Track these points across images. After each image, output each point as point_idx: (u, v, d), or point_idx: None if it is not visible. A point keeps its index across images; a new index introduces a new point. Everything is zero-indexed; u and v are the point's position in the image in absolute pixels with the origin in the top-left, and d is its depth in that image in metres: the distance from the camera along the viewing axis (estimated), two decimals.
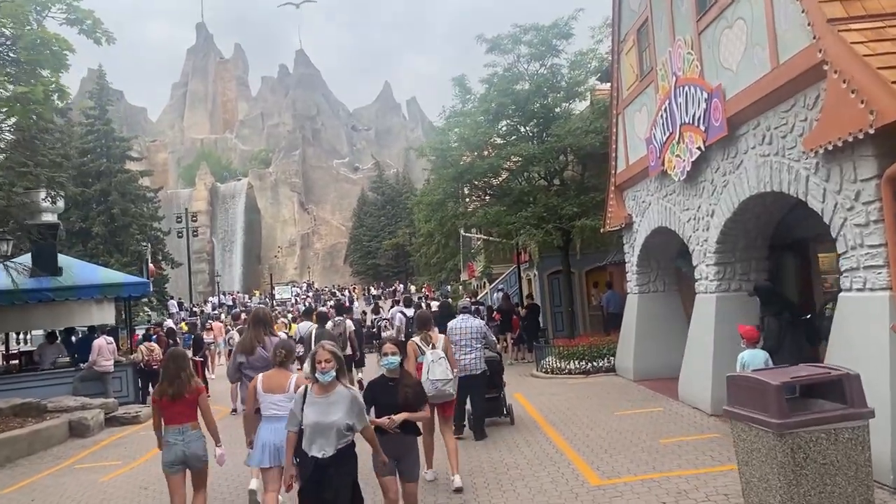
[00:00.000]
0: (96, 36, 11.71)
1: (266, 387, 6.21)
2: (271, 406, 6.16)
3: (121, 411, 14.62)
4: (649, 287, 14.24)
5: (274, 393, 6.17)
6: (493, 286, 30.86)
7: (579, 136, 17.99)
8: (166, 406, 6.15)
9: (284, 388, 6.16)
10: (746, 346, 7.33)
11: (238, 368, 7.57)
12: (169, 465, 6.13)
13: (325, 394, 5.17)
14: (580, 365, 15.50)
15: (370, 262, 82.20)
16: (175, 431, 6.12)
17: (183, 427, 6.13)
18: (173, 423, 6.15)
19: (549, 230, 17.71)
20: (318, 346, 5.35)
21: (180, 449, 6.09)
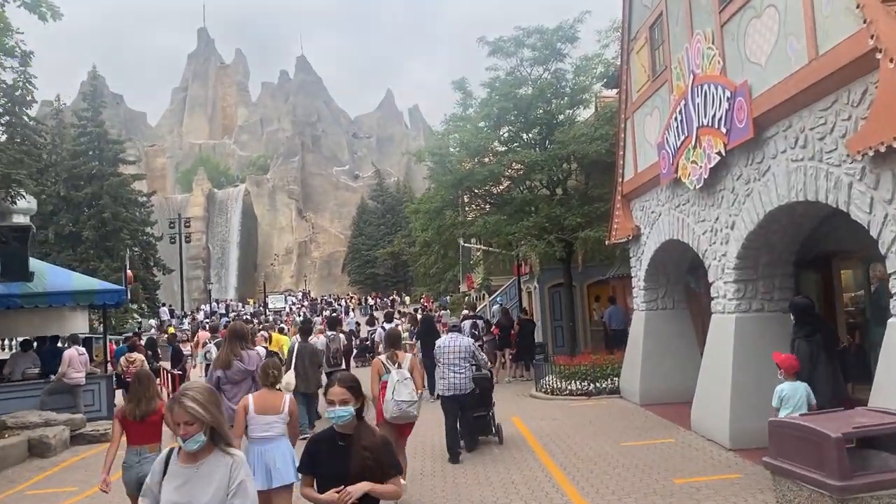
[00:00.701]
0: (41, 11, 10.86)
1: (259, 408, 5.99)
2: (264, 427, 5.96)
3: (88, 428, 13.60)
4: (657, 304, 13.27)
5: (267, 414, 5.98)
6: (493, 298, 29.86)
7: (584, 142, 17.08)
8: (130, 426, 6.12)
9: (279, 409, 6.01)
10: (784, 378, 6.35)
11: (217, 384, 7.34)
12: (128, 486, 6.08)
13: (192, 463, 3.50)
14: (582, 386, 14.51)
15: (369, 271, 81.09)
16: (133, 452, 6.09)
17: (140, 449, 6.08)
18: (133, 443, 6.12)
19: (551, 241, 16.77)
20: (175, 397, 3.59)
21: (135, 471, 5.98)
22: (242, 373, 7.41)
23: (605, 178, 18.42)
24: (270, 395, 6.13)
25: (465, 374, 9.59)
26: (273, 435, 5.93)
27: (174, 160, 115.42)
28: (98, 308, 16.65)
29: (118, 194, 42.05)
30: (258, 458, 5.87)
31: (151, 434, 6.14)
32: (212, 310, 60.41)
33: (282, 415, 5.99)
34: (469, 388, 9.65)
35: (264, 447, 5.90)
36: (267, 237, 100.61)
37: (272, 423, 5.96)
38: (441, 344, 9.88)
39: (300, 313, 53.79)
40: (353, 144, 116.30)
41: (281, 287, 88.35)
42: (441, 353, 9.75)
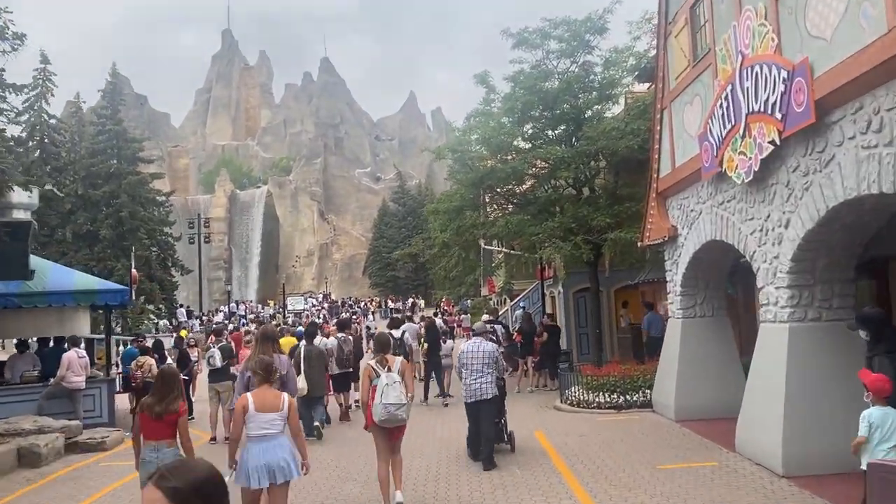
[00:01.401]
0: None
1: (259, 406, 6.04)
2: (263, 425, 6.01)
3: (85, 436, 12.81)
4: (695, 311, 12.22)
5: (267, 412, 6.04)
6: (515, 303, 28.87)
7: (614, 138, 16.05)
8: (147, 422, 6.20)
9: (278, 407, 6.08)
10: (872, 402, 5.31)
11: (247, 385, 7.50)
12: (144, 482, 5.83)
13: None
14: (611, 398, 13.48)
15: (389, 274, 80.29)
16: (151, 448, 6.17)
17: (158, 444, 6.18)
18: (150, 439, 6.21)
19: (578, 243, 15.75)
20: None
21: (153, 466, 5.82)
22: None
23: (636, 176, 17.40)
24: (270, 392, 6.19)
25: (487, 380, 9.53)
26: (274, 433, 6.03)
27: (197, 161, 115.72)
28: (100, 308, 15.86)
29: (136, 193, 41.57)
30: (259, 455, 5.95)
31: (168, 431, 6.23)
32: (230, 311, 60.01)
33: (282, 412, 6.08)
34: (491, 394, 9.57)
35: (265, 445, 5.97)
36: (289, 239, 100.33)
37: (272, 420, 6.04)
38: (465, 349, 9.85)
39: (320, 315, 53.11)
40: (375, 147, 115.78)
41: (302, 289, 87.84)
42: (465, 357, 9.70)
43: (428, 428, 12.82)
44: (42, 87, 41.32)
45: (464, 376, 9.72)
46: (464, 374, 9.70)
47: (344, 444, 11.69)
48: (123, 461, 11.52)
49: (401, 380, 7.53)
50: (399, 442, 7.78)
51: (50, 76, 41.64)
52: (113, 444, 12.83)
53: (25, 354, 15.47)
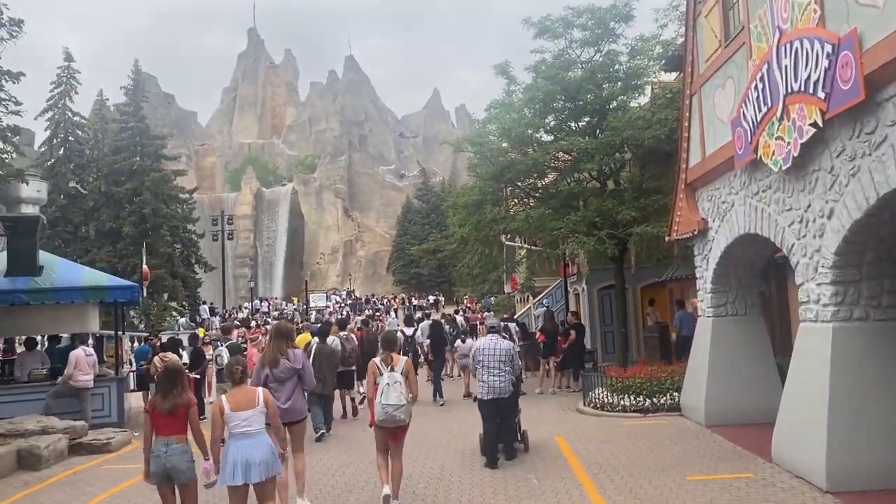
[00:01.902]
0: None
1: (234, 405, 6.15)
2: (242, 423, 6.10)
3: (90, 437, 12.39)
4: (727, 309, 11.49)
5: (243, 410, 6.13)
6: (538, 300, 28.19)
7: (640, 127, 15.32)
8: (158, 417, 6.21)
9: (254, 403, 6.18)
10: None
11: (264, 382, 7.50)
12: (154, 475, 6.19)
13: None
14: (637, 401, 12.78)
15: (413, 271, 79.84)
16: (161, 443, 6.18)
17: (168, 439, 6.17)
18: (160, 434, 6.21)
19: (602, 238, 15.04)
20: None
21: (162, 461, 6.11)
22: (289, 371, 7.62)
23: (663, 169, 16.67)
24: (242, 391, 6.29)
25: (505, 378, 9.42)
26: (254, 430, 6.12)
27: (224, 159, 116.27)
28: (110, 305, 15.49)
29: (159, 190, 41.59)
30: (239, 453, 6.03)
31: (179, 426, 6.21)
32: (254, 308, 59.95)
33: (258, 408, 6.17)
34: (508, 392, 9.49)
35: (245, 442, 6.06)
36: (313, 236, 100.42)
37: (250, 417, 6.12)
38: (480, 346, 9.71)
39: (342, 312, 52.77)
40: (399, 144, 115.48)
41: (327, 286, 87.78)
42: (480, 355, 9.57)
43: (441, 429, 12.26)
44: (66, 85, 41.48)
45: (479, 374, 9.57)
46: (479, 371, 9.56)
47: (351, 447, 11.15)
48: (127, 464, 11.12)
49: (403, 380, 7.37)
50: (400, 444, 7.56)
51: (74, 74, 41.79)
52: (119, 445, 12.42)
53: (34, 352, 15.18)
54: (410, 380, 7.52)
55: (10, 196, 14.18)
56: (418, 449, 10.63)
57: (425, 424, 13.07)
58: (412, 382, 7.55)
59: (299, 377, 7.69)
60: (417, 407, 15.06)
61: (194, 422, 6.29)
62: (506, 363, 9.46)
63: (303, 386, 7.80)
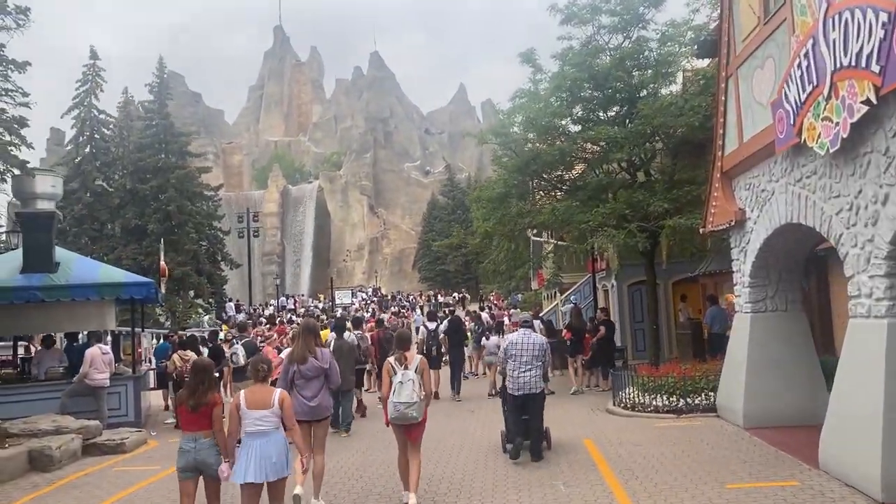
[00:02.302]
0: None
1: (250, 403, 6.24)
2: (256, 422, 6.20)
3: (104, 437, 12.12)
4: (766, 304, 10.83)
5: (258, 409, 6.21)
6: (565, 297, 27.56)
7: (673, 115, 14.67)
8: (184, 413, 6.33)
9: (269, 404, 6.24)
10: None
11: (291, 380, 7.61)
12: (181, 470, 6.28)
13: None
14: (670, 401, 12.16)
15: (439, 268, 79.41)
16: (188, 438, 6.26)
17: (196, 435, 6.24)
18: (187, 430, 6.31)
19: (633, 230, 14.41)
20: None
21: (191, 456, 6.19)
22: (316, 369, 7.67)
23: (695, 159, 16.02)
24: (261, 389, 6.37)
25: (536, 373, 9.30)
26: (266, 429, 6.19)
27: (251, 157, 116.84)
28: (126, 302, 15.21)
29: (184, 187, 41.61)
30: (252, 451, 6.13)
31: (205, 422, 6.24)
32: (280, 305, 59.97)
33: (272, 408, 6.21)
34: (540, 388, 9.36)
35: (258, 441, 6.15)
36: (339, 233, 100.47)
37: (264, 417, 6.20)
38: (513, 340, 9.54)
39: (368, 309, 52.52)
40: (424, 140, 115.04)
41: (353, 283, 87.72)
42: (513, 349, 9.39)
43: (464, 430, 11.77)
44: (91, 83, 41.63)
45: (511, 368, 9.38)
46: (510, 365, 9.38)
47: (369, 447, 10.71)
48: (141, 465, 10.81)
49: (417, 378, 7.32)
50: (417, 441, 7.49)
51: (99, 72, 41.94)
52: (133, 445, 12.13)
53: (52, 350, 15.00)
54: (424, 378, 7.45)
55: (25, 191, 13.90)
56: (439, 451, 10.16)
57: (448, 424, 12.61)
58: (426, 380, 7.47)
59: (326, 376, 7.74)
60: (440, 406, 14.74)
61: (217, 420, 6.29)
62: (538, 358, 9.33)
63: (328, 385, 7.83)
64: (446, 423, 12.70)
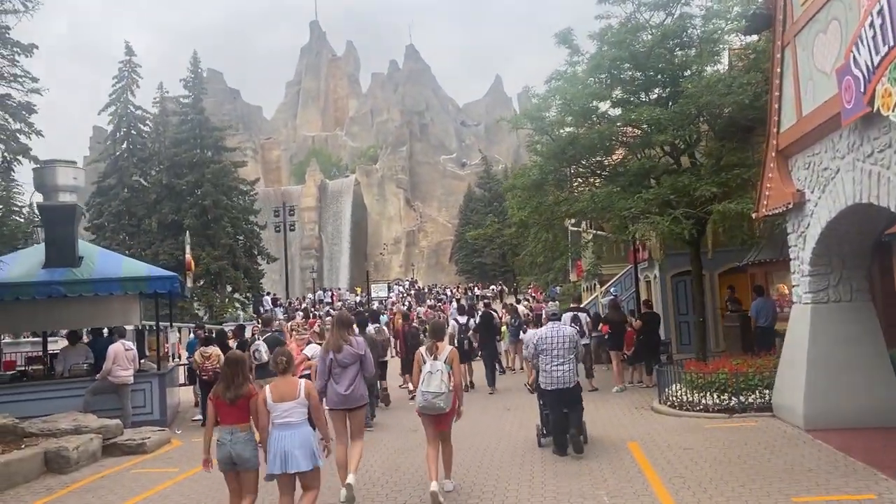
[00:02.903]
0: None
1: (276, 396, 6.27)
2: (283, 414, 6.22)
3: (125, 436, 11.70)
4: (828, 294, 9.90)
5: (285, 401, 6.25)
6: (605, 289, 26.61)
7: (721, 93, 13.69)
8: (221, 407, 6.33)
9: (295, 395, 6.27)
10: None
11: (329, 368, 7.71)
12: (221, 463, 6.30)
13: None
14: (721, 400, 11.28)
15: (476, 260, 78.79)
16: (226, 432, 6.27)
17: (232, 428, 6.27)
18: (224, 423, 6.32)
19: (678, 217, 13.48)
20: None
21: (228, 449, 6.22)
22: (352, 356, 7.72)
23: (743, 142, 15.03)
24: (285, 381, 6.39)
25: (569, 367, 9.21)
26: (293, 421, 6.22)
27: (288, 153, 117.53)
28: (150, 297, 14.80)
29: (220, 182, 41.52)
30: (277, 443, 6.18)
31: (242, 415, 6.30)
32: (318, 299, 59.90)
33: (299, 399, 6.26)
34: (574, 382, 9.26)
35: (284, 433, 6.18)
36: (376, 227, 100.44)
37: (291, 409, 6.23)
38: (544, 334, 9.44)
39: (405, 302, 52.09)
40: (460, 132, 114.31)
41: (390, 276, 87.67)
42: (543, 343, 9.30)
43: (499, 431, 11.07)
44: (127, 80, 41.77)
45: (543, 363, 9.29)
46: (542, 360, 9.30)
47: (397, 446, 10.06)
48: (160, 467, 10.35)
49: (446, 368, 7.35)
50: (446, 431, 7.55)
51: (135, 68, 42.04)
52: (155, 446, 11.68)
53: (78, 346, 14.65)
54: (454, 369, 7.47)
55: (46, 184, 13.57)
56: (472, 454, 9.50)
57: (484, 422, 11.92)
58: (455, 371, 7.48)
59: (361, 363, 7.78)
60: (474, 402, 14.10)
61: (254, 413, 6.31)
62: (570, 350, 9.22)
63: (364, 373, 7.86)
64: (481, 421, 12.05)
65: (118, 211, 40.68)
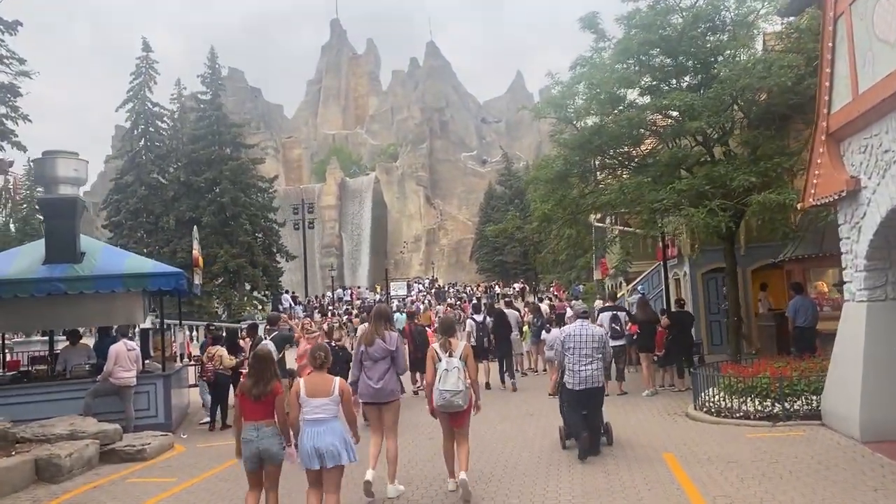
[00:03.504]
0: None
1: (310, 391, 6.26)
2: (315, 410, 6.20)
3: (125, 442, 11.05)
4: (886, 291, 8.97)
5: (318, 397, 6.22)
6: (632, 287, 25.65)
7: (759, 75, 12.73)
8: (246, 402, 6.33)
9: (328, 392, 6.26)
10: None
11: (360, 360, 7.75)
12: (245, 459, 6.32)
13: None
14: (763, 406, 10.37)
15: (497, 259, 77.84)
16: (251, 428, 6.27)
17: (258, 424, 6.26)
18: (249, 419, 6.31)
19: (714, 209, 12.53)
20: None
21: (254, 445, 6.22)
22: (383, 351, 7.70)
23: (780, 131, 14.09)
24: (320, 377, 6.38)
25: (596, 366, 9.05)
26: (324, 417, 6.19)
27: (309, 151, 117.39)
28: (154, 295, 14.16)
29: (238, 179, 41.02)
30: (309, 439, 6.12)
31: (267, 411, 6.28)
32: (337, 297, 59.35)
33: (332, 397, 6.22)
34: (601, 382, 9.17)
35: (316, 429, 6.14)
36: (396, 224, 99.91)
37: (323, 405, 6.20)
38: (571, 332, 9.29)
39: (424, 301, 51.34)
40: (481, 129, 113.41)
41: (410, 275, 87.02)
42: (571, 342, 9.16)
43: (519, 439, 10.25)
44: (145, 76, 41.42)
45: (570, 362, 9.10)
46: (568, 358, 9.11)
47: (407, 451, 9.28)
48: (157, 477, 9.67)
49: (462, 365, 7.31)
50: (463, 428, 7.49)
51: (152, 64, 41.68)
52: (155, 452, 11.01)
53: (79, 346, 14.07)
54: (469, 365, 7.45)
55: (46, 175, 12.97)
56: (494, 465, 8.69)
57: (503, 430, 11.10)
58: (471, 368, 7.48)
59: (392, 359, 7.75)
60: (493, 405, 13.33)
61: (279, 409, 6.30)
62: (598, 350, 9.09)
63: (395, 368, 7.80)
64: (501, 429, 11.22)
65: (136, 208, 40.36)
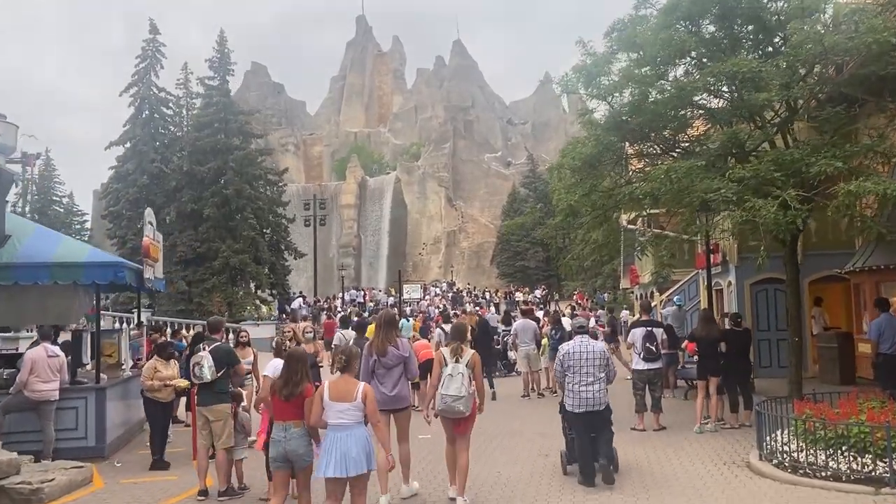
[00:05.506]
0: None
1: (334, 395, 6.19)
2: (338, 415, 6.15)
3: (23, 476, 8.60)
4: None
5: (342, 401, 6.15)
6: (667, 297, 22.93)
7: (847, 35, 10.05)
8: (277, 402, 6.40)
9: (352, 397, 6.16)
10: None
11: (372, 370, 7.72)
12: (273, 460, 6.42)
13: None
14: (862, 463, 7.68)
15: (518, 263, 75.30)
16: (280, 428, 6.33)
17: (286, 424, 6.32)
18: (278, 419, 6.38)
19: (786, 200, 9.79)
20: None
21: (282, 446, 6.27)
22: (397, 358, 7.75)
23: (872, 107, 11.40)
24: (345, 381, 6.28)
25: (599, 386, 8.49)
26: (347, 422, 6.11)
27: (330, 148, 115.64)
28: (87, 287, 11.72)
29: (244, 170, 38.76)
30: (333, 445, 6.06)
31: (296, 412, 6.31)
32: (350, 298, 57.10)
33: (355, 402, 6.13)
34: (605, 403, 8.53)
35: (339, 434, 6.08)
36: (416, 225, 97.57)
37: (346, 410, 6.12)
38: (569, 350, 8.68)
39: (439, 305, 48.88)
40: (506, 131, 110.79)
41: (429, 277, 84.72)
42: (569, 359, 8.57)
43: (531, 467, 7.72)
44: (151, 59, 39.41)
45: (570, 382, 8.52)
46: (569, 378, 8.54)
47: None
48: None
49: (467, 372, 7.34)
50: (464, 435, 7.49)
51: (159, 47, 39.68)
52: (59, 491, 8.55)
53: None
54: (476, 373, 7.47)
55: None
56: None
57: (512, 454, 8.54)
58: (477, 376, 7.49)
59: (404, 366, 7.76)
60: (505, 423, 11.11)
61: (307, 411, 6.22)
62: (600, 368, 8.48)
63: (407, 375, 7.84)
64: (510, 453, 8.74)
65: (136, 198, 38.27)
